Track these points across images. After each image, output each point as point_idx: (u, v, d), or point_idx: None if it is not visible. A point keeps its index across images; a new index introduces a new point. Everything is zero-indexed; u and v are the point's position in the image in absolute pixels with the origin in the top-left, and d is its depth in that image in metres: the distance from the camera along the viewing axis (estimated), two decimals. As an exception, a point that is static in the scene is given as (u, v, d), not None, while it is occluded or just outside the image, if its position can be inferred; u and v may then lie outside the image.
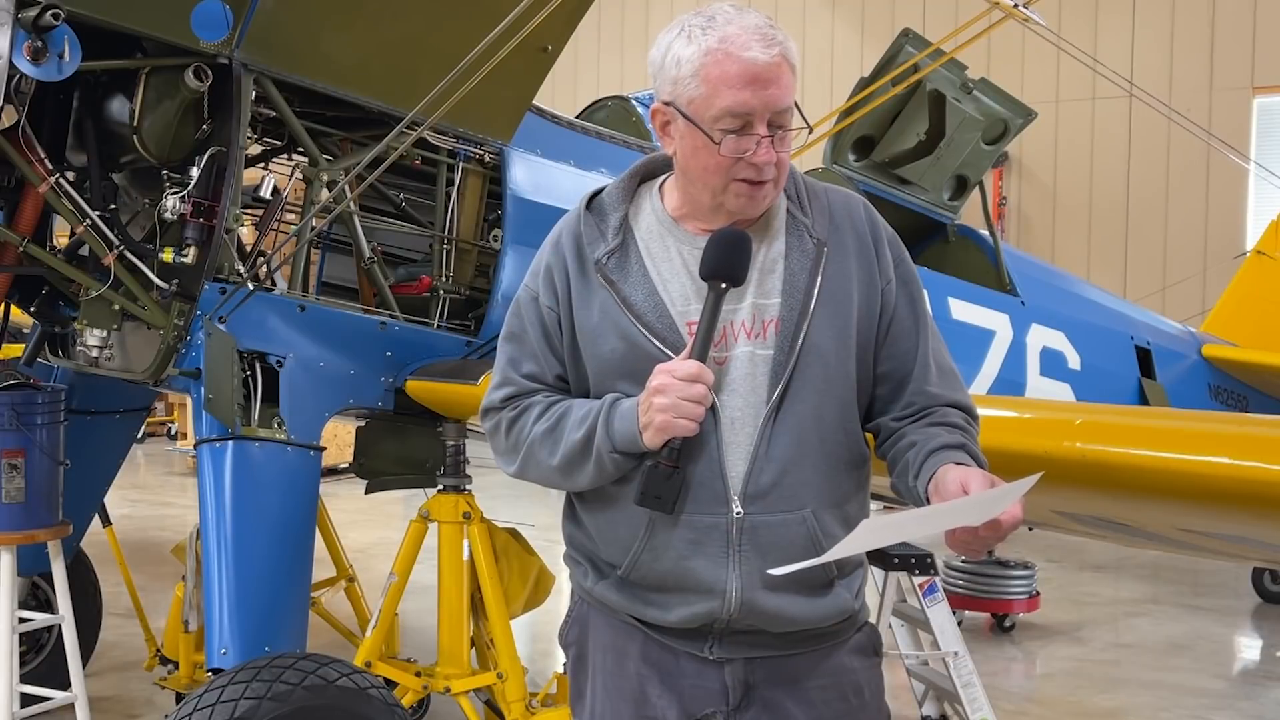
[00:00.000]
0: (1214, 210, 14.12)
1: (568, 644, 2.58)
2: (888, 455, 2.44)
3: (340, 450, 9.41)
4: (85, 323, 4.35)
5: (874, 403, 2.45)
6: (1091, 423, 2.92)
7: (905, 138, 6.53)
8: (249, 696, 3.57)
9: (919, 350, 2.43)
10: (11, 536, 4.58)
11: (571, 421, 2.35)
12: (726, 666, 2.38)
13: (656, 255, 2.38)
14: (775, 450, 2.30)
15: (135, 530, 9.88)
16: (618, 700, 2.44)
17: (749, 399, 2.31)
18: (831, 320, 2.34)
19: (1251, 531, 2.98)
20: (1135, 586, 9.54)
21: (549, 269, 2.44)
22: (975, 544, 2.18)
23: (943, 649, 5.23)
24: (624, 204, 2.45)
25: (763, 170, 2.28)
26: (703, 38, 2.26)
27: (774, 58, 2.24)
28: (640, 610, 2.40)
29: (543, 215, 5.01)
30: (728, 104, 2.24)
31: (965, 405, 2.45)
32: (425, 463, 4.97)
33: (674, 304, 2.34)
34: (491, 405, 2.48)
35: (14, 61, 3.73)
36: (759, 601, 2.31)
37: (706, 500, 2.30)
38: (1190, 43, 14.25)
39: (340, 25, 4.45)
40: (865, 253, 2.41)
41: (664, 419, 2.21)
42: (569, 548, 2.53)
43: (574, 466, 2.34)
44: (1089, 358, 7.07)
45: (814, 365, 2.32)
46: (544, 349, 2.43)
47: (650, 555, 2.34)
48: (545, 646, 7.33)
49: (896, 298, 2.43)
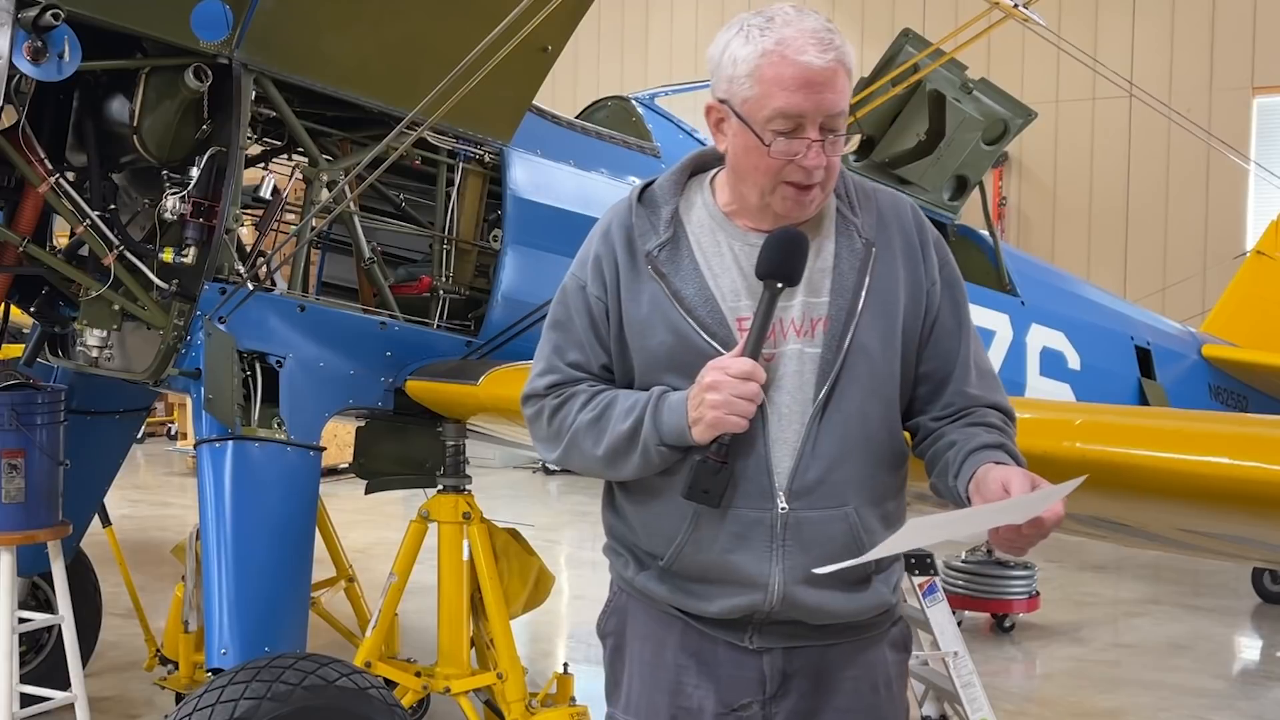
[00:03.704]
0: (1214, 210, 14.11)
1: (605, 634, 2.59)
2: (926, 454, 2.46)
3: (340, 450, 9.39)
4: (85, 323, 4.36)
5: (913, 402, 2.48)
6: (1091, 423, 2.92)
7: (905, 138, 6.53)
8: (249, 696, 3.57)
9: (960, 352, 2.46)
10: (11, 536, 4.58)
11: (618, 412, 2.36)
12: (765, 656, 2.40)
13: (708, 249, 2.40)
14: (821, 447, 2.33)
15: (135, 530, 9.87)
16: (654, 691, 2.47)
17: (796, 396, 2.33)
18: (878, 320, 2.36)
19: (1251, 531, 2.98)
20: (1135, 586, 9.54)
21: (598, 259, 2.44)
22: (1020, 542, 2.21)
23: (943, 649, 5.23)
24: (675, 197, 2.46)
25: (812, 174, 2.30)
26: (760, 39, 2.28)
27: (829, 63, 2.25)
28: (681, 600, 2.42)
29: (543, 215, 5.01)
30: (780, 106, 2.25)
31: (1004, 407, 2.47)
32: (425, 463, 4.97)
33: (724, 299, 2.36)
34: (534, 392, 2.50)
35: (14, 61, 3.73)
36: (800, 596, 2.34)
37: (752, 495, 2.32)
38: (1190, 43, 14.24)
39: (340, 25, 4.45)
40: (912, 254, 2.43)
41: (716, 415, 2.23)
42: (609, 538, 2.55)
43: (619, 457, 2.36)
44: (1089, 358, 7.07)
45: (860, 364, 2.35)
46: (590, 338, 2.45)
47: (694, 547, 2.36)
48: (545, 646, 7.34)
49: (941, 299, 2.45)
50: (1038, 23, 6.72)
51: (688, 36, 17.06)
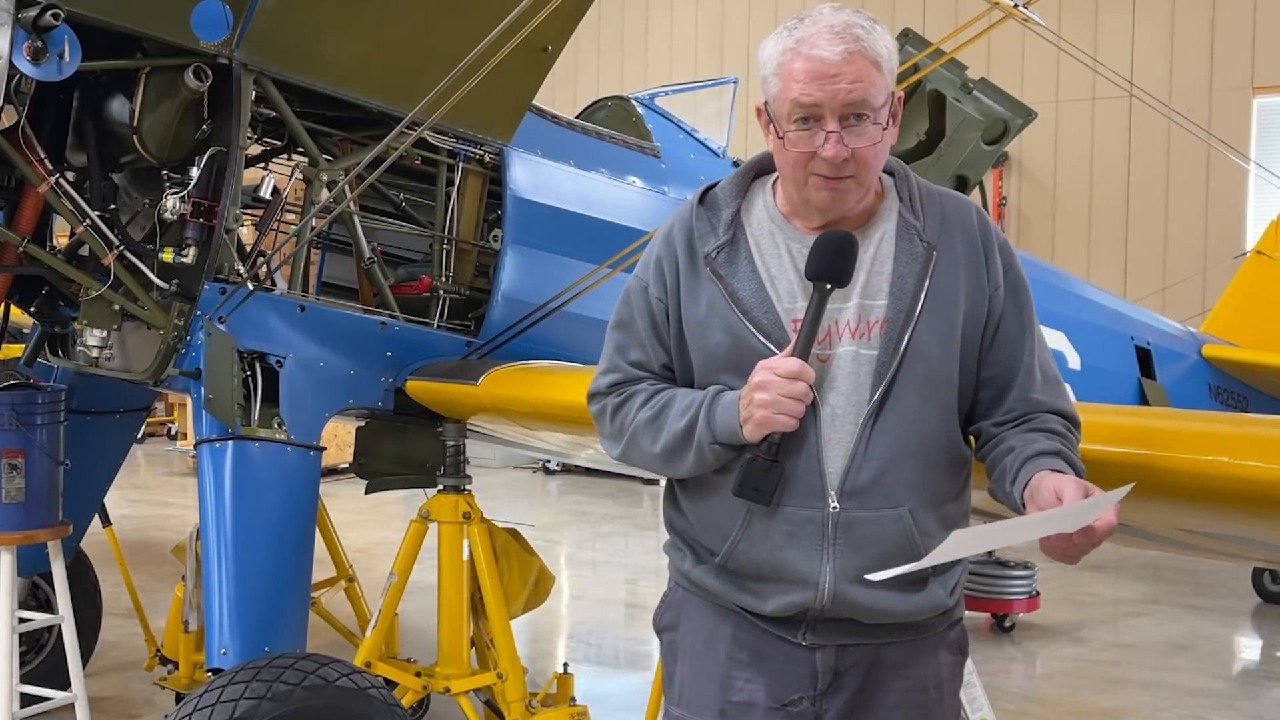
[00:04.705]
0: (1214, 210, 14.11)
1: (662, 628, 2.62)
2: (986, 459, 2.47)
3: (340, 450, 9.41)
4: (85, 323, 4.36)
5: (975, 406, 2.48)
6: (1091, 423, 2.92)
7: (905, 138, 6.54)
8: (249, 696, 3.57)
9: (1024, 357, 2.46)
10: (11, 536, 4.58)
11: (675, 411, 2.39)
12: (818, 652, 2.42)
13: (766, 251, 2.42)
14: (875, 449, 2.33)
15: (135, 530, 9.88)
16: (704, 684, 2.49)
17: (851, 397, 2.34)
18: (937, 324, 2.36)
19: (1251, 531, 2.98)
20: (1135, 586, 9.53)
21: (659, 261, 2.48)
22: (1071, 550, 2.21)
23: (943, 649, 5.22)
24: (737, 199, 2.48)
25: (836, 166, 2.29)
26: (786, 38, 2.32)
27: (840, 54, 2.26)
28: (736, 597, 2.45)
29: (543, 215, 5.01)
30: (794, 98, 2.29)
31: (1068, 413, 2.47)
32: (425, 463, 4.97)
33: (780, 300, 2.38)
34: (598, 390, 2.54)
35: (14, 61, 3.74)
36: (851, 595, 2.35)
37: (803, 494, 2.34)
38: (1190, 43, 14.23)
39: (340, 25, 4.45)
40: (975, 258, 2.43)
41: (764, 414, 2.25)
42: (670, 532, 2.58)
43: (675, 454, 2.40)
44: (1089, 358, 7.07)
45: (917, 367, 2.35)
46: (651, 338, 2.48)
47: (747, 544, 2.39)
48: (545, 647, 7.33)
49: (1004, 304, 2.45)
50: (1038, 23, 6.71)
51: (688, 36, 17.07)
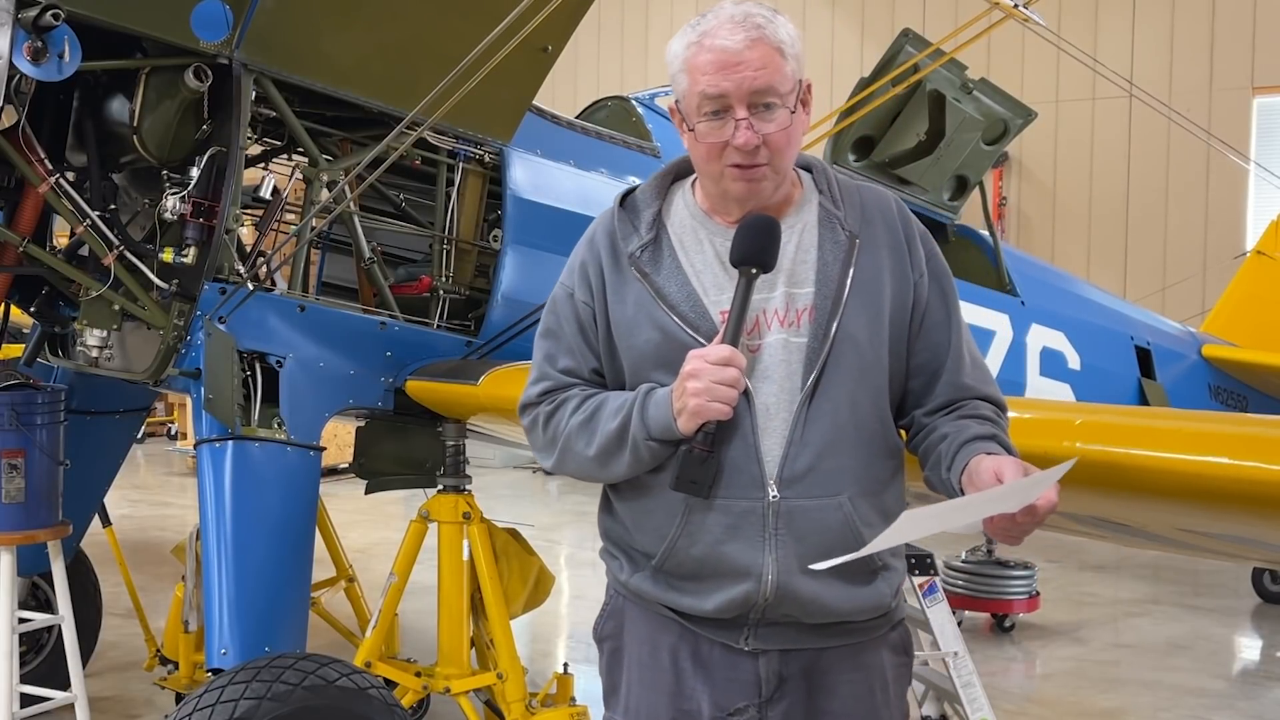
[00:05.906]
0: (1214, 210, 14.11)
1: (603, 638, 2.59)
2: (919, 449, 2.47)
3: (340, 450, 9.41)
4: (85, 323, 4.36)
5: (907, 396, 2.49)
6: (1091, 423, 2.92)
7: (905, 138, 6.52)
8: (249, 697, 3.56)
9: (951, 342, 2.47)
10: (11, 536, 4.58)
11: (607, 412, 2.38)
12: (761, 658, 2.40)
13: (689, 247, 2.42)
14: (810, 434, 2.33)
15: (135, 530, 9.88)
16: (653, 693, 2.47)
17: (784, 385, 2.34)
18: (864, 309, 2.37)
19: (1251, 531, 2.97)
20: (1135, 586, 9.53)
21: (584, 265, 2.48)
22: (1015, 530, 2.21)
23: (943, 649, 5.23)
24: (657, 200, 2.49)
25: (748, 153, 2.30)
26: (690, 33, 2.34)
27: (741, 42, 2.28)
28: (675, 600, 2.42)
29: (543, 215, 5.01)
30: (701, 90, 2.31)
31: (995, 398, 2.49)
32: (425, 463, 4.97)
33: (707, 293, 2.38)
34: (529, 401, 2.53)
35: (14, 61, 3.74)
36: (795, 586, 2.33)
37: (742, 484, 2.32)
38: (1190, 43, 14.24)
39: (340, 25, 4.46)
40: (897, 247, 2.45)
41: (698, 403, 2.24)
42: (605, 541, 2.56)
43: (610, 456, 2.38)
44: (1089, 358, 7.07)
45: (848, 353, 2.35)
46: (580, 344, 2.48)
47: (687, 540, 2.36)
48: (545, 647, 7.33)
49: (929, 291, 2.46)
50: (1038, 23, 6.72)
51: (688, 36, 17.04)
